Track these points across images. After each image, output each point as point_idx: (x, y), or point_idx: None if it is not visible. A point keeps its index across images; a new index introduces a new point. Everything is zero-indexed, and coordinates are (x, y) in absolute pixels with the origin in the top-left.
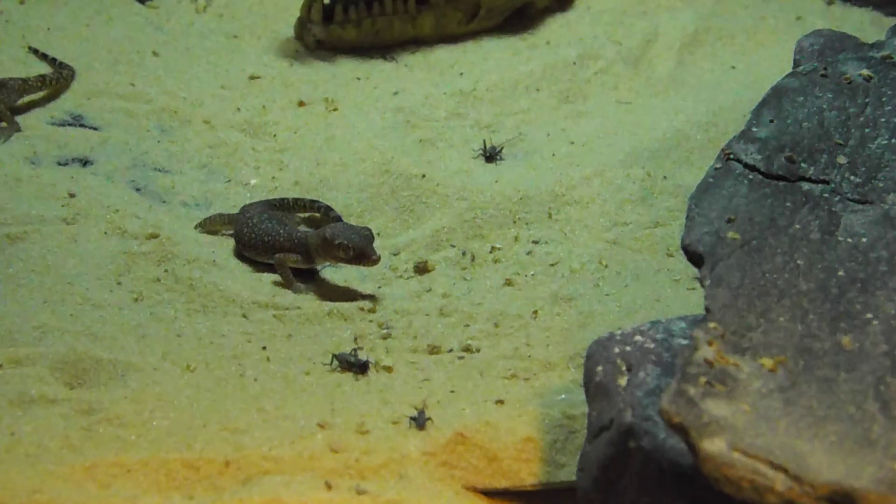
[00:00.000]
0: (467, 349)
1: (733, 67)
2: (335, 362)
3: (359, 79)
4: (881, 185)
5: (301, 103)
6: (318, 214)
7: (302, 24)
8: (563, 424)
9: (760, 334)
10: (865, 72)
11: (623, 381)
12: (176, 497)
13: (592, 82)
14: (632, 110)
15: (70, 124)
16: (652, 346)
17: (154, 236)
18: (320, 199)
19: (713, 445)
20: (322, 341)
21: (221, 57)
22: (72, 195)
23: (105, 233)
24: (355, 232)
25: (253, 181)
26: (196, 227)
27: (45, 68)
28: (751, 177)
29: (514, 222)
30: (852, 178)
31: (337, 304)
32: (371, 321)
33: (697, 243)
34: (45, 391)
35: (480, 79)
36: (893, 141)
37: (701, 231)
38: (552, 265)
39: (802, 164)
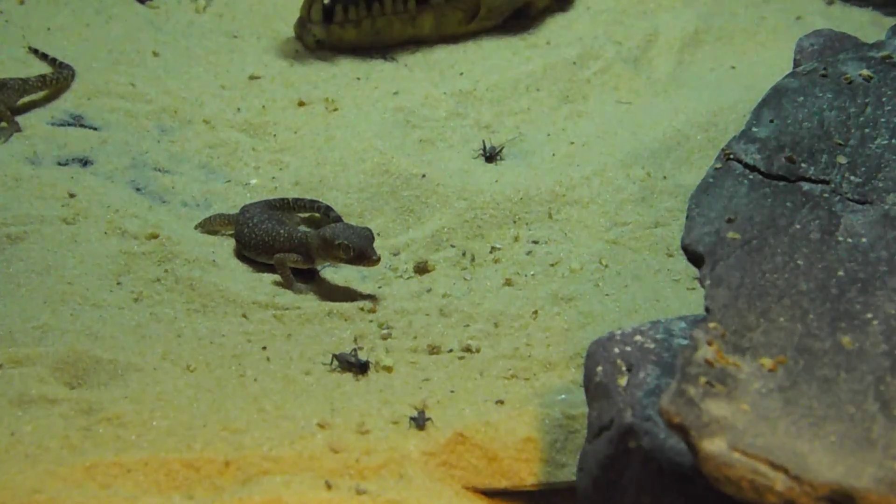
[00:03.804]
0: (467, 349)
1: (733, 67)
2: (335, 362)
3: (359, 79)
4: (881, 185)
5: (301, 103)
6: (318, 214)
7: (302, 24)
8: (563, 424)
9: (760, 334)
10: (865, 72)
11: (623, 381)
12: (176, 497)
13: (592, 82)
14: (632, 110)
15: (70, 124)
16: (652, 346)
17: (154, 236)
18: (320, 199)
19: (713, 445)
20: (322, 341)
21: (221, 57)
22: (72, 195)
23: (105, 233)
24: (355, 232)
25: (253, 181)
26: (196, 227)
27: (45, 68)
28: (751, 177)
29: (514, 222)
30: (852, 178)
31: (337, 304)
32: (371, 321)
33: (697, 243)
34: (45, 391)
35: (480, 79)
36: (893, 141)
37: (701, 231)
38: (552, 265)
39: (802, 164)
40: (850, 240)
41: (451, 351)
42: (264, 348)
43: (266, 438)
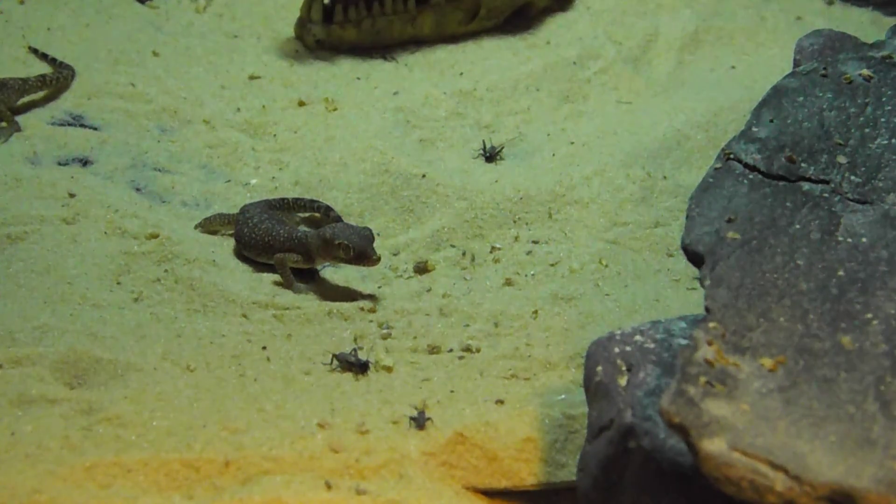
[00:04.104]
0: (467, 349)
1: (733, 67)
2: (335, 362)
3: (359, 79)
4: (881, 185)
5: (301, 103)
6: (318, 214)
7: (302, 24)
8: (563, 424)
9: (760, 334)
10: (865, 72)
11: (623, 381)
12: (176, 497)
13: (592, 82)
14: (632, 110)
15: (70, 124)
16: (652, 346)
17: (154, 236)
18: (320, 199)
19: (713, 445)
20: (322, 341)
21: (221, 57)
22: (72, 195)
23: (105, 233)
24: (355, 232)
25: (253, 181)
26: (196, 227)
27: (45, 68)
28: (751, 177)
29: (514, 222)
30: (852, 178)
31: (337, 304)
32: (371, 321)
33: (697, 243)
34: (45, 391)
35: (480, 79)
36: (893, 141)
37: (701, 231)
38: (552, 265)
39: (802, 164)
40: (850, 240)
41: (451, 351)
42: (264, 348)
43: (266, 438)
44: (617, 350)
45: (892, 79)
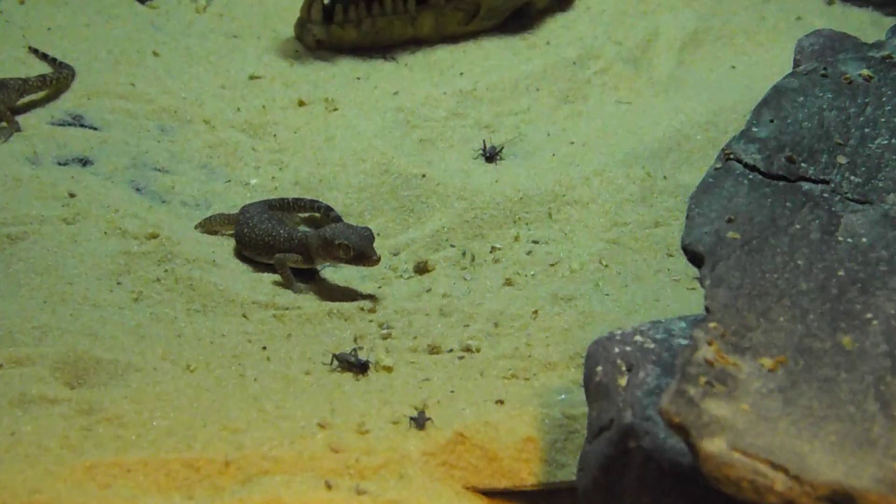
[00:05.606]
0: (467, 349)
1: (733, 67)
2: (335, 362)
3: (359, 79)
4: (881, 185)
5: (301, 103)
6: (318, 214)
7: (302, 24)
8: (563, 424)
9: (760, 334)
10: (865, 72)
11: (623, 381)
12: (176, 497)
13: (592, 82)
14: (632, 110)
15: (70, 124)
16: (652, 346)
17: (154, 236)
18: (320, 199)
19: (713, 445)
20: (322, 341)
21: (221, 57)
22: (72, 195)
23: (105, 233)
24: (355, 232)
25: (253, 181)
26: (196, 227)
27: (45, 68)
28: (751, 177)
29: (514, 222)
30: (852, 178)
31: (337, 304)
32: (371, 321)
33: (697, 243)
34: (45, 391)
35: (480, 79)
36: (893, 141)
37: (701, 231)
38: (552, 265)
39: (802, 164)
40: (850, 240)
41: (451, 351)
42: (264, 348)
43: (266, 438)
44: (617, 350)
45: (892, 79)
